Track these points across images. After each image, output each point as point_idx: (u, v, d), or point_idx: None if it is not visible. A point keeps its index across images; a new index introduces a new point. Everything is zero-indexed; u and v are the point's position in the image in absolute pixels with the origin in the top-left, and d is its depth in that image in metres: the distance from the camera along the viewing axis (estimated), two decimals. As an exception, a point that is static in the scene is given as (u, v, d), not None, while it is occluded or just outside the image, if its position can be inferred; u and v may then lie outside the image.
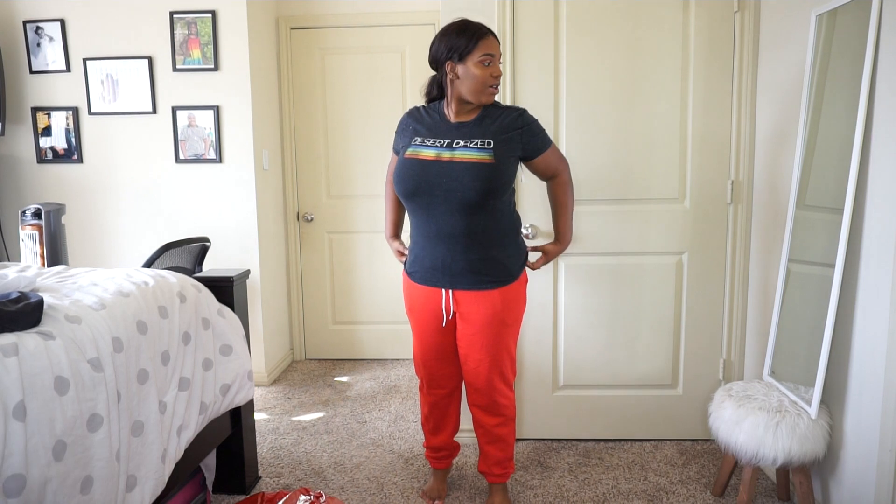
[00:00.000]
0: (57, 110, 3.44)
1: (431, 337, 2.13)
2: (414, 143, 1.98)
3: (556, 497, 2.34)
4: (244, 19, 3.31)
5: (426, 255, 2.01)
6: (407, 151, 1.98)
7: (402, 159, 1.99)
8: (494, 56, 1.90)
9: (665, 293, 2.69)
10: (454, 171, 1.89)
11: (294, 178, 3.89)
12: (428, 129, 1.99)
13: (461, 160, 1.89)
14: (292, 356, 4.02)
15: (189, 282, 2.08)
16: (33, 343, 1.40)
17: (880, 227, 1.80)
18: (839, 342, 1.99)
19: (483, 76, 1.89)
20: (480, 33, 1.89)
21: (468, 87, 1.91)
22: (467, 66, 1.89)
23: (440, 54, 1.93)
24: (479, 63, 1.88)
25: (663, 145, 2.60)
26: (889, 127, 1.77)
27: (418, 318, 2.13)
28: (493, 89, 1.92)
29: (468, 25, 1.91)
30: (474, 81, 1.89)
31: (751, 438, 2.00)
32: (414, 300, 2.12)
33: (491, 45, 1.90)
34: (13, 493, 1.29)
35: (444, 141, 1.95)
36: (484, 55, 1.88)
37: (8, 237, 3.52)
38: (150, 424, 1.69)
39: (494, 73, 1.90)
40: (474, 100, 1.93)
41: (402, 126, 2.07)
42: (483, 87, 1.90)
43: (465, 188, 1.88)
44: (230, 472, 2.37)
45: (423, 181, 1.92)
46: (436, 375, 2.20)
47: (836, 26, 2.03)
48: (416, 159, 1.95)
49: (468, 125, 1.96)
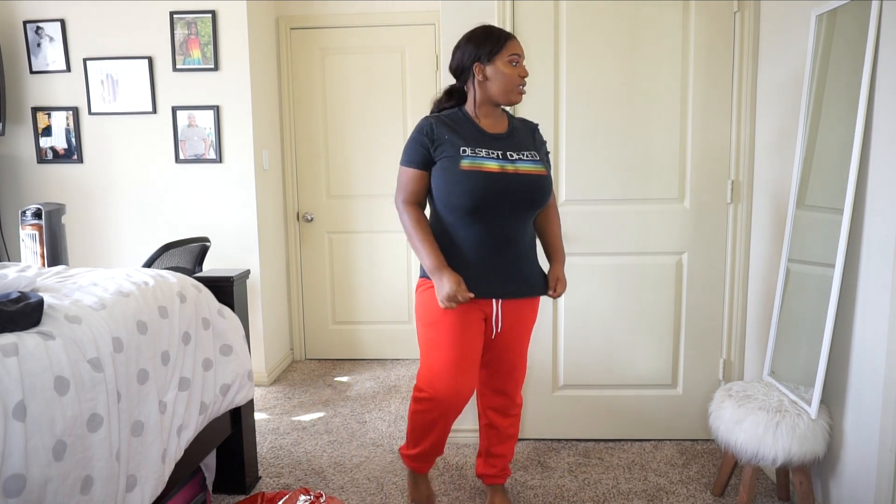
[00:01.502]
0: (57, 110, 3.45)
1: (470, 345, 1.99)
2: (464, 154, 1.89)
3: (556, 497, 2.34)
4: (244, 19, 3.31)
5: (478, 265, 1.93)
6: (464, 163, 1.87)
7: (458, 171, 1.87)
8: (521, 56, 1.93)
9: (665, 293, 2.69)
10: (522, 183, 1.91)
11: (294, 178, 3.89)
12: (468, 139, 1.92)
13: (526, 172, 1.92)
14: (292, 356, 4.03)
15: (189, 282, 2.08)
16: (33, 343, 1.40)
17: (880, 227, 1.80)
18: (839, 342, 1.99)
19: (512, 76, 1.92)
20: (507, 34, 1.94)
21: (498, 87, 1.93)
22: (496, 66, 1.91)
23: (466, 57, 1.95)
24: (507, 62, 1.91)
25: (663, 145, 2.60)
26: (889, 127, 1.77)
27: (457, 326, 1.96)
28: (522, 88, 1.95)
29: (493, 28, 1.96)
30: (505, 80, 1.92)
31: (751, 438, 2.00)
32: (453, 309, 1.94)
33: (517, 46, 1.94)
34: (13, 493, 1.29)
35: (497, 152, 1.92)
36: (512, 55, 1.91)
37: (8, 237, 3.52)
38: (150, 424, 1.69)
39: (522, 73, 1.93)
40: (504, 100, 1.95)
41: (433, 134, 1.92)
42: (513, 85, 1.93)
43: (532, 199, 1.94)
44: (230, 472, 2.37)
45: (491, 194, 1.88)
46: (463, 388, 2.01)
47: (836, 26, 2.03)
48: (481, 171, 1.87)
49: (507, 136, 1.99)
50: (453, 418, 2.09)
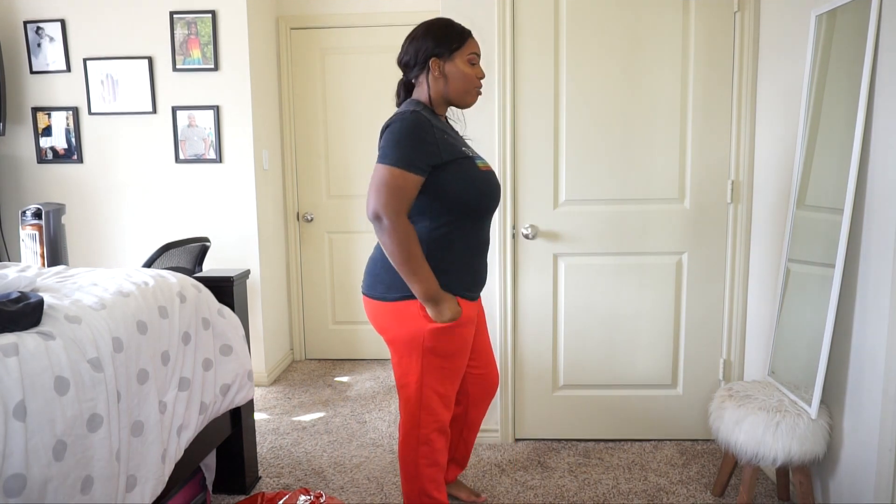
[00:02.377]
0: (57, 110, 3.45)
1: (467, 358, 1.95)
2: (470, 154, 1.82)
3: (556, 497, 2.34)
4: (244, 19, 3.31)
5: (479, 270, 1.89)
6: (480, 163, 1.82)
7: (479, 172, 1.80)
8: (479, 56, 1.84)
9: (665, 293, 2.69)
10: (498, 182, 1.92)
11: (294, 178, 3.89)
12: (456, 139, 1.85)
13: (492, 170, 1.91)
14: (292, 356, 4.02)
15: (189, 282, 2.08)
16: (33, 343, 1.40)
17: (880, 227, 1.80)
18: (839, 342, 1.99)
19: (469, 76, 1.81)
20: (467, 32, 1.83)
21: (456, 87, 1.80)
22: (456, 64, 1.79)
23: (421, 51, 1.79)
24: (467, 61, 1.80)
25: (663, 145, 2.60)
26: (889, 127, 1.77)
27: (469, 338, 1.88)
28: (477, 90, 1.84)
29: (454, 23, 1.83)
30: (464, 80, 1.80)
31: (751, 438, 2.00)
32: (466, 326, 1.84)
33: (476, 45, 1.84)
34: (13, 493, 1.29)
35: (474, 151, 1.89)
36: (472, 54, 1.81)
37: (8, 237, 3.52)
38: (150, 424, 1.69)
39: (480, 73, 1.83)
40: (459, 100, 1.83)
41: (436, 135, 1.74)
42: (472, 86, 1.82)
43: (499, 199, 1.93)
44: (230, 472, 2.37)
45: (497, 195, 1.87)
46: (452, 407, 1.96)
47: (836, 26, 2.03)
48: (491, 171, 1.85)
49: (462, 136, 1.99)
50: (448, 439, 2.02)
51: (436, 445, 1.92)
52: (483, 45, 2.58)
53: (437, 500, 1.96)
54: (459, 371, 1.90)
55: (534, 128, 2.62)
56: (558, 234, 2.66)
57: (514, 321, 2.72)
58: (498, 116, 2.59)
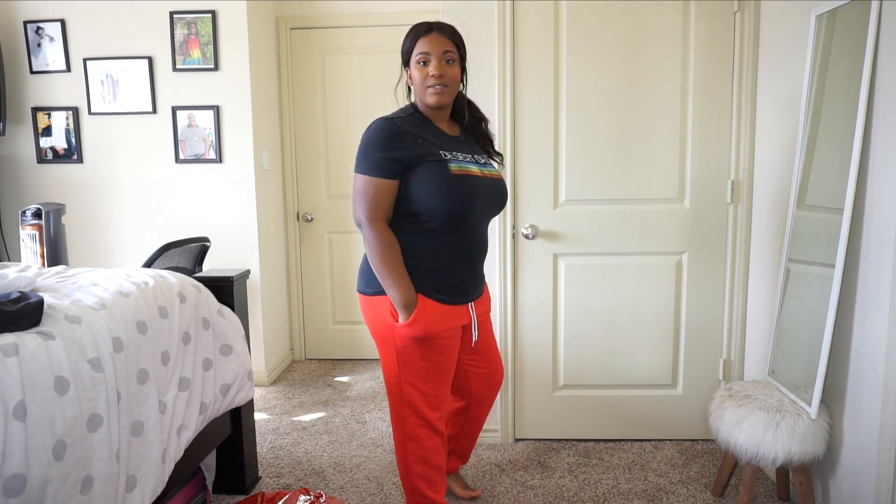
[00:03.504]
0: (57, 110, 3.45)
1: (455, 361, 1.92)
2: (447, 158, 1.78)
3: (556, 497, 2.34)
4: (244, 19, 3.31)
5: (456, 274, 1.84)
6: (452, 167, 1.76)
7: (450, 176, 1.74)
8: (431, 53, 1.76)
9: (665, 293, 2.69)
10: (496, 188, 1.89)
11: (294, 178, 3.89)
12: (443, 142, 1.82)
13: (494, 177, 1.90)
14: (292, 356, 4.03)
15: (189, 282, 2.08)
16: (33, 343, 1.40)
17: (880, 227, 1.80)
18: (839, 342, 1.99)
19: (420, 77, 1.78)
20: (419, 31, 1.79)
21: (417, 91, 1.82)
22: (411, 68, 1.81)
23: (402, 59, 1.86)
24: (416, 63, 1.79)
25: (663, 145, 2.60)
26: (889, 127, 1.78)
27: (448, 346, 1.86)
28: (432, 89, 1.77)
29: (416, 25, 1.82)
30: (419, 83, 1.80)
31: (751, 438, 2.00)
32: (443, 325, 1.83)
33: (429, 42, 1.76)
34: (13, 493, 1.29)
35: (470, 156, 1.86)
36: (419, 54, 1.77)
37: (8, 237, 3.52)
38: (150, 424, 1.69)
39: (431, 71, 1.76)
40: (423, 103, 1.83)
41: (406, 139, 1.74)
42: (422, 88, 1.79)
43: (501, 204, 1.92)
44: (230, 472, 2.37)
45: (476, 199, 1.80)
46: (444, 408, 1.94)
47: (836, 26, 2.03)
48: (469, 175, 1.79)
49: (466, 139, 1.94)
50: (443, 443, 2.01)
51: (425, 443, 1.91)
52: (483, 45, 2.58)
53: (429, 498, 1.95)
54: (441, 373, 1.87)
55: (534, 128, 2.62)
56: (558, 234, 2.66)
57: (514, 321, 2.72)
58: (498, 116, 2.59)
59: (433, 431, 1.91)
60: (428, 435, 1.91)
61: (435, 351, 1.83)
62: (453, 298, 1.85)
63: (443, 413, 1.94)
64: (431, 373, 1.86)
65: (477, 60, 2.57)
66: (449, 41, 1.79)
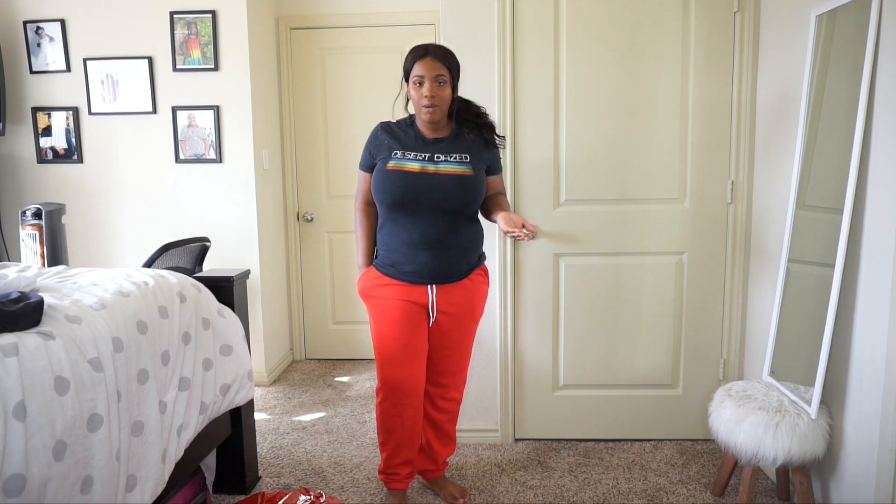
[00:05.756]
0: (57, 110, 3.45)
1: (409, 332, 2.09)
2: (394, 156, 2.05)
3: (556, 497, 2.34)
4: (244, 19, 3.31)
5: (406, 260, 2.07)
6: (389, 164, 2.04)
7: (384, 171, 2.04)
8: (424, 77, 1.97)
9: (665, 293, 2.69)
10: (442, 182, 2.03)
11: (294, 178, 3.89)
12: (404, 144, 2.07)
13: (447, 172, 2.04)
14: (292, 356, 4.03)
15: (189, 282, 2.08)
16: (33, 343, 1.40)
17: (880, 227, 1.80)
18: (839, 342, 1.99)
19: (416, 96, 2.01)
20: (417, 54, 2.01)
21: (413, 107, 2.07)
22: (409, 87, 2.04)
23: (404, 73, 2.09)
24: (413, 84, 2.01)
25: (663, 145, 2.60)
26: (889, 127, 1.78)
27: (387, 309, 2.09)
28: (426, 109, 2.00)
29: (415, 48, 2.04)
30: (415, 101, 2.03)
31: (751, 438, 2.00)
32: (380, 291, 2.10)
33: (424, 66, 1.98)
34: (13, 493, 1.29)
35: (424, 154, 2.05)
36: (415, 76, 1.99)
37: (8, 237, 3.52)
38: (150, 424, 1.69)
39: (425, 92, 1.98)
40: (418, 119, 2.08)
41: (377, 140, 2.11)
42: (418, 105, 2.02)
43: (451, 198, 2.03)
44: (230, 472, 2.37)
45: (409, 192, 2.01)
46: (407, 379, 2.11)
47: (836, 26, 2.03)
48: (400, 171, 2.03)
49: (444, 140, 2.09)
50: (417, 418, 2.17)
51: (382, 405, 2.15)
52: (483, 45, 2.58)
53: (383, 460, 2.23)
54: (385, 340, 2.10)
55: (534, 127, 2.62)
56: (558, 234, 2.66)
57: (514, 321, 2.72)
58: (498, 116, 2.59)
59: (392, 392, 2.12)
60: (386, 395, 2.14)
61: (375, 309, 2.12)
62: (401, 276, 2.08)
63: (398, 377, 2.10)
64: (376, 333, 2.13)
65: (477, 60, 2.58)
66: (441, 65, 2.00)
